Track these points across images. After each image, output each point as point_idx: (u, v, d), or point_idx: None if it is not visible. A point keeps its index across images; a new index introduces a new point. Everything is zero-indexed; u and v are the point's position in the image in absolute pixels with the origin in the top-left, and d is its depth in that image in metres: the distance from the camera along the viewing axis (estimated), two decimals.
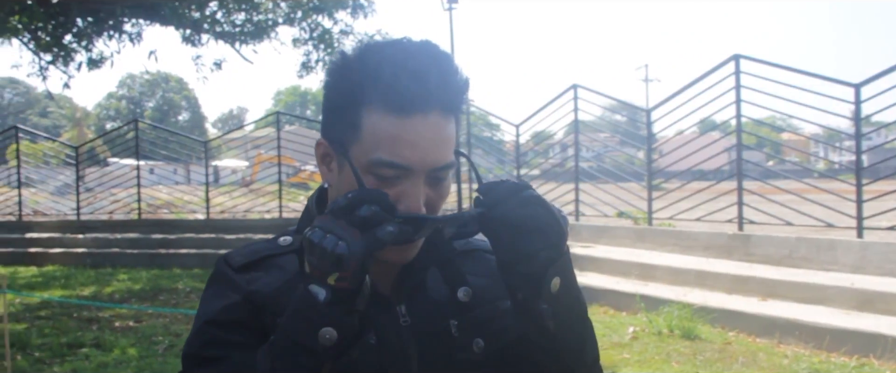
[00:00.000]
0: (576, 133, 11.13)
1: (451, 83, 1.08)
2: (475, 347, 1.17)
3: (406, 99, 1.04)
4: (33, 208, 16.88)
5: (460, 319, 1.17)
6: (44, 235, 14.24)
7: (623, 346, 6.48)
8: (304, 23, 12.99)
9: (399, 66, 1.05)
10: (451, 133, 1.10)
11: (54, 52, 11.93)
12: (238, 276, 1.14)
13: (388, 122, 1.05)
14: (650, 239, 9.32)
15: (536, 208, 1.05)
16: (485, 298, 1.20)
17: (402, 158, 1.05)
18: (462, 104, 1.12)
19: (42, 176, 19.98)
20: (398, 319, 1.15)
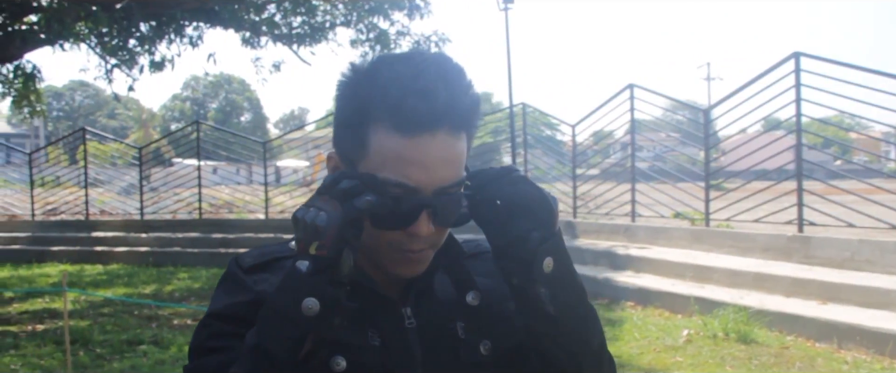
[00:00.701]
0: (632, 133, 11.00)
1: (460, 102, 1.07)
2: (482, 348, 1.17)
3: (413, 119, 1.04)
4: (100, 208, 17.36)
5: (467, 320, 1.18)
6: (109, 234, 14.62)
7: (676, 349, 6.39)
8: (361, 24, 13.09)
9: (407, 85, 1.04)
10: (459, 152, 1.09)
11: (119, 55, 12.25)
12: (247, 276, 1.16)
13: (395, 141, 1.05)
14: (707, 240, 9.16)
15: (524, 186, 1.07)
16: (492, 299, 1.20)
17: (408, 179, 1.05)
18: (473, 122, 1.12)
19: (109, 176, 20.54)
20: (403, 320, 1.16)
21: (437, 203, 1.07)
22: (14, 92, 12.40)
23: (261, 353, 0.99)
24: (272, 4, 12.52)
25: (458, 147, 1.09)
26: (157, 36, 12.28)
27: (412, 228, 1.07)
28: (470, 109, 1.09)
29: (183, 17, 11.71)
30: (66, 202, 16.47)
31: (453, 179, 1.09)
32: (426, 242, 1.10)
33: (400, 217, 1.06)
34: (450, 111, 1.06)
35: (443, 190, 1.08)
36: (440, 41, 13.29)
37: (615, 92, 11.13)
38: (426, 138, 1.05)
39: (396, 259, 1.11)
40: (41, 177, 17.56)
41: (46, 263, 13.35)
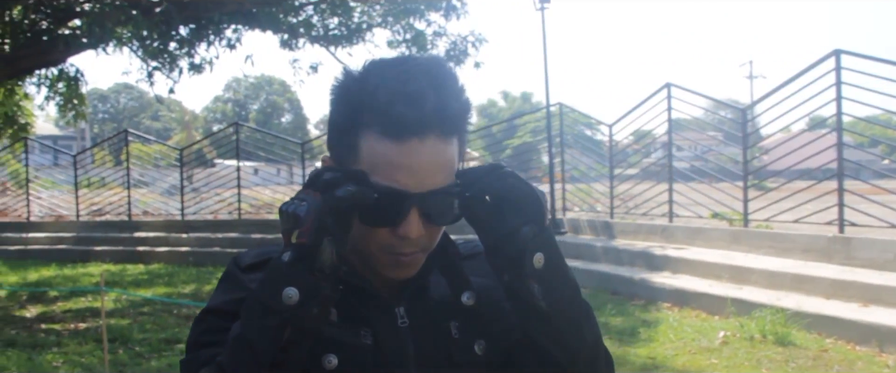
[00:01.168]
0: (669, 133, 10.91)
1: (449, 107, 1.08)
2: (477, 348, 1.18)
3: (401, 124, 1.05)
4: (143, 209, 17.64)
5: (462, 320, 1.18)
6: (151, 235, 14.86)
7: (712, 351, 6.32)
8: (397, 25, 13.14)
9: (395, 90, 1.06)
10: (450, 157, 1.10)
11: (160, 58, 12.43)
12: (244, 275, 1.18)
13: (385, 146, 1.07)
14: (745, 241, 9.04)
15: (513, 182, 1.08)
16: (488, 299, 1.20)
17: (397, 183, 1.06)
18: (464, 126, 1.13)
19: (152, 178, 20.86)
20: (397, 320, 1.16)
21: (427, 201, 1.08)
22: (59, 96, 12.65)
23: (243, 341, 1.01)
24: (310, 6, 12.62)
25: (447, 152, 1.09)
26: (197, 38, 12.44)
27: (402, 229, 1.08)
28: (460, 114, 1.11)
29: (222, 20, 11.84)
30: (111, 203, 16.77)
31: (443, 182, 1.09)
32: (417, 245, 1.11)
33: (390, 214, 1.07)
34: (439, 116, 1.07)
35: (433, 192, 1.08)
36: (476, 42, 13.28)
37: (653, 91, 11.04)
38: (415, 143, 1.06)
39: (387, 262, 1.12)
40: (87, 178, 17.90)
41: (90, 262, 13.60)
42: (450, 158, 1.10)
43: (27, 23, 10.59)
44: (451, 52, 13.16)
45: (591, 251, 10.64)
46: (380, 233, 1.09)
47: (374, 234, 1.10)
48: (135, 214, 16.37)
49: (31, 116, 18.27)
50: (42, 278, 11.80)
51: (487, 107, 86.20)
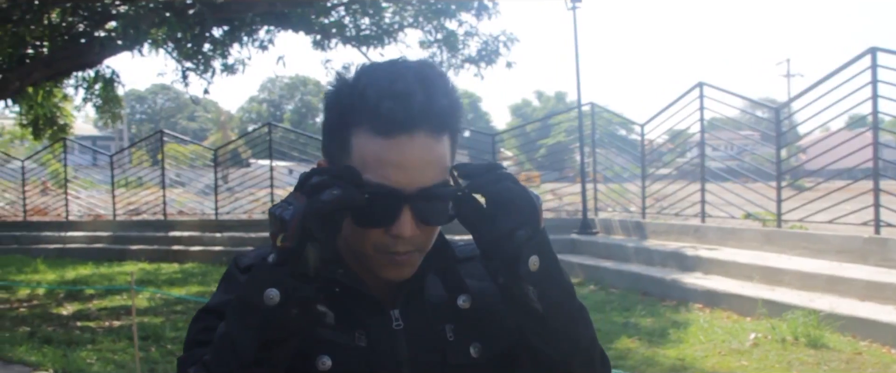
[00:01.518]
0: (701, 132, 10.81)
1: (437, 104, 1.09)
2: (472, 351, 1.18)
3: (389, 120, 1.06)
4: (179, 208, 17.87)
5: (457, 323, 1.19)
6: (185, 234, 15.03)
7: (742, 352, 6.25)
8: (429, 25, 13.16)
9: (384, 89, 1.07)
10: (440, 154, 1.10)
11: (194, 59, 12.59)
12: (243, 276, 1.18)
13: (375, 143, 1.08)
14: (779, 242, 8.93)
15: (508, 184, 1.08)
16: (485, 302, 1.21)
17: (388, 179, 1.07)
18: (454, 124, 1.13)
19: (188, 177, 21.12)
20: (391, 322, 1.17)
21: (420, 200, 1.08)
22: (96, 97, 12.86)
23: (226, 339, 1.02)
24: (341, 7, 12.69)
25: (438, 149, 1.10)
26: (230, 40, 12.58)
27: (395, 228, 1.08)
28: (448, 110, 1.11)
29: (254, 21, 11.96)
30: (147, 202, 17.00)
31: (434, 180, 1.09)
32: (412, 244, 1.11)
33: (382, 215, 1.08)
34: (427, 113, 1.08)
35: (425, 190, 1.09)
36: (508, 41, 13.25)
37: (685, 90, 10.95)
38: (404, 140, 1.07)
39: (383, 263, 1.12)
40: (125, 178, 18.17)
41: (126, 261, 13.80)
42: (441, 156, 1.11)
43: (65, 25, 10.78)
44: (482, 52, 13.15)
45: (622, 252, 10.59)
46: (374, 233, 1.10)
47: (368, 234, 1.10)
48: (170, 214, 16.59)
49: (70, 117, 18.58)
50: (79, 276, 12.00)
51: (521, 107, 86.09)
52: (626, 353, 6.38)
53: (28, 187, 18.36)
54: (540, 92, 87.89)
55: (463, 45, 13.25)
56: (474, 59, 13.22)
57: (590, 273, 10.18)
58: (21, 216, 17.95)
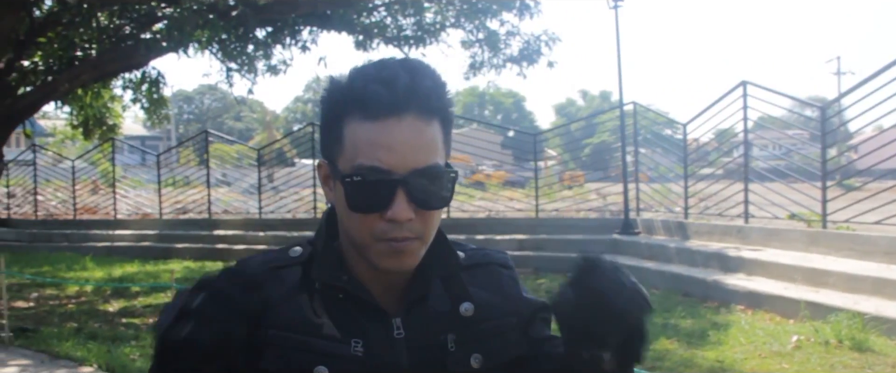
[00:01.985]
0: (744, 131, 10.66)
1: (421, 86, 1.10)
2: (473, 362, 1.17)
3: (376, 103, 1.08)
4: (224, 207, 18.12)
5: (459, 333, 1.18)
6: (229, 233, 15.24)
7: (783, 355, 6.16)
8: (470, 25, 13.17)
9: (370, 76, 1.10)
10: (431, 137, 1.11)
11: (239, 60, 12.77)
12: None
13: (364, 128, 1.09)
14: (824, 243, 8.77)
15: (610, 284, 1.07)
16: (490, 313, 1.20)
17: (379, 162, 1.07)
18: (443, 108, 1.13)
19: (234, 177, 21.41)
20: (392, 330, 1.16)
21: (412, 182, 1.08)
22: (143, 97, 13.12)
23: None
24: (382, 7, 12.76)
25: (427, 132, 1.10)
26: (274, 41, 12.73)
27: (391, 212, 1.08)
28: (434, 92, 1.11)
29: (296, 22, 12.08)
30: (194, 201, 17.26)
31: (426, 162, 1.10)
32: (410, 231, 1.10)
33: (376, 199, 1.09)
34: (413, 95, 1.09)
35: (416, 174, 1.09)
36: (550, 41, 13.20)
37: (728, 89, 10.80)
38: (392, 122, 1.08)
39: (383, 251, 1.11)
40: (172, 177, 18.48)
41: (172, 259, 14.03)
42: (431, 138, 1.11)
43: (112, 28, 11.00)
44: (524, 52, 13.13)
45: (664, 252, 10.49)
46: (370, 220, 1.10)
47: (365, 222, 1.11)
48: (215, 213, 16.82)
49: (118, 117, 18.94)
50: (125, 274, 12.24)
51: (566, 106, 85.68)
52: (663, 354, 6.32)
53: (78, 186, 18.77)
54: (585, 91, 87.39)
55: (505, 45, 13.24)
56: (516, 59, 13.21)
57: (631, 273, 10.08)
58: (72, 215, 18.35)
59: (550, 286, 10.01)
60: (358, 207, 1.10)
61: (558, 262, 11.43)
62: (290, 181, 17.12)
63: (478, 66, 13.35)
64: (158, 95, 13.29)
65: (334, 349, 1.12)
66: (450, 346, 1.16)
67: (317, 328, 1.13)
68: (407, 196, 1.08)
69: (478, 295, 1.21)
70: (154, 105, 13.81)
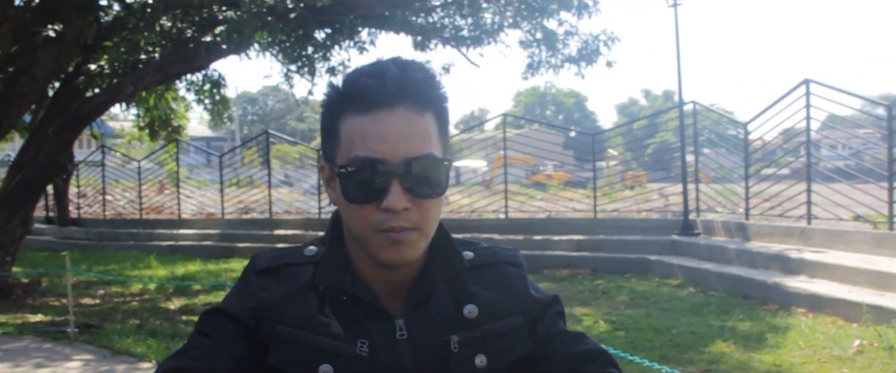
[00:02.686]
0: (807, 131, 10.41)
1: (411, 78, 1.12)
2: (478, 362, 1.17)
3: (367, 96, 1.11)
4: (286, 207, 18.37)
5: (463, 334, 1.17)
6: (289, 232, 15.42)
7: (844, 360, 5.99)
8: (528, 25, 13.13)
9: (362, 71, 1.14)
10: (423, 127, 1.13)
11: (299, 62, 12.95)
12: (256, 280, 1.21)
13: (358, 121, 1.12)
14: (890, 245, 8.51)
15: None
16: (494, 313, 1.20)
17: (372, 152, 1.09)
18: (435, 101, 1.15)
19: (296, 177, 21.70)
20: (395, 332, 1.17)
21: (407, 171, 1.10)
22: (205, 99, 13.40)
23: None
24: (440, 8, 12.80)
25: (420, 122, 1.12)
26: (332, 42, 12.88)
27: (386, 201, 1.09)
28: (424, 84, 1.14)
29: (354, 24, 12.20)
30: (256, 201, 17.53)
31: (420, 151, 1.11)
32: (407, 221, 1.11)
33: (372, 189, 1.10)
34: (403, 87, 1.11)
35: (409, 163, 1.10)
36: (608, 40, 13.09)
37: (790, 88, 10.55)
38: (385, 114, 1.10)
39: (381, 242, 1.12)
40: (236, 177, 18.81)
41: (233, 258, 14.28)
42: (424, 129, 1.13)
43: (175, 31, 11.25)
44: (582, 52, 13.04)
45: (723, 253, 10.31)
46: (367, 211, 1.12)
47: (363, 214, 1.12)
48: (276, 213, 17.07)
49: (183, 118, 19.35)
50: (187, 273, 12.52)
51: (628, 106, 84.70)
52: (719, 357, 6.22)
53: (145, 187, 19.23)
54: (647, 90, 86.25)
55: (563, 45, 13.16)
56: (574, 59, 13.13)
57: (689, 275, 9.97)
58: (138, 214, 18.83)
59: (607, 287, 9.94)
60: (354, 198, 1.12)
61: (616, 263, 11.34)
62: None
63: (536, 66, 13.32)
64: (220, 96, 13.56)
65: (340, 349, 1.13)
66: (453, 347, 1.16)
67: (324, 327, 1.14)
68: (401, 185, 1.10)
69: (483, 295, 1.21)
70: (216, 106, 14.10)
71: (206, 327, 1.18)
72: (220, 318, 1.18)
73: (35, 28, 9.95)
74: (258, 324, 1.16)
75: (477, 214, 15.10)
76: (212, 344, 1.14)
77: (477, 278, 1.23)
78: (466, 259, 1.24)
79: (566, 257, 11.91)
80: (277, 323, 1.15)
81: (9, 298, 10.05)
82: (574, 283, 10.50)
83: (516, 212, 14.51)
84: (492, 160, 25.62)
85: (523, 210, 14.94)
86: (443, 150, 1.16)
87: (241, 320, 1.16)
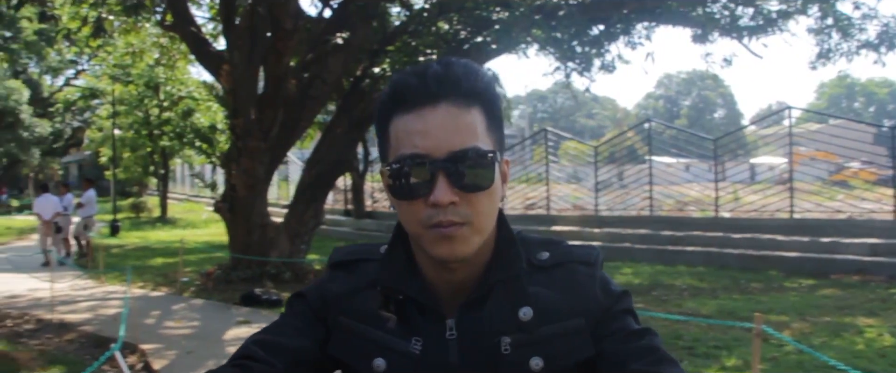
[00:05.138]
0: None
1: (453, 74, 1.13)
2: (533, 366, 1.13)
3: (410, 93, 1.13)
4: (572, 203, 18.37)
5: (517, 336, 1.14)
6: (566, 228, 15.52)
7: None
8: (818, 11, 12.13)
9: (406, 73, 1.15)
10: (468, 122, 1.12)
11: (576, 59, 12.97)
12: (330, 272, 1.30)
13: (403, 120, 1.13)
14: None
15: None
16: (552, 316, 1.16)
17: (417, 148, 1.10)
18: (482, 93, 1.14)
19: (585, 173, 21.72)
20: (445, 331, 1.17)
21: (451, 165, 1.10)
22: None
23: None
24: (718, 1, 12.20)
25: (464, 118, 1.12)
26: (607, 38, 12.74)
27: (433, 196, 1.09)
28: (467, 78, 1.13)
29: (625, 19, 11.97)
30: (543, 197, 17.67)
31: (465, 144, 1.10)
32: (456, 215, 1.11)
33: (418, 184, 1.11)
34: (445, 83, 1.12)
35: (453, 157, 1.10)
36: None
37: None
38: (428, 110, 1.11)
39: (433, 238, 1.12)
40: (526, 174, 19.09)
41: None
42: (469, 124, 1.12)
43: (451, 34, 11.73)
44: (882, 36, 11.81)
45: None
46: (416, 207, 1.12)
47: (412, 210, 1.13)
48: (563, 208, 17.19)
49: None
50: None
51: None
52: None
53: None
54: None
55: (859, 30, 12.00)
56: (873, 44, 11.94)
57: None
58: None
59: None
60: (401, 195, 1.13)
61: None
62: (641, 179, 16.84)
63: (826, 55, 12.29)
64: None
65: (394, 344, 1.17)
66: (504, 349, 1.14)
67: (382, 322, 1.19)
68: (447, 179, 1.09)
69: (543, 297, 1.17)
70: None
71: (289, 307, 1.28)
72: (300, 301, 1.28)
73: (326, 36, 10.86)
74: (325, 313, 1.24)
75: (758, 212, 14.21)
76: (291, 323, 1.24)
77: (545, 279, 1.20)
78: (541, 260, 1.22)
79: (858, 262, 10.85)
80: (340, 314, 1.22)
81: (302, 282, 11.08)
82: (864, 291, 9.51)
83: (806, 212, 13.47)
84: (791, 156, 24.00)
85: (816, 210, 13.84)
86: (492, 143, 1.15)
87: (313, 306, 1.25)
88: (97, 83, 28.95)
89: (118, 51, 19.65)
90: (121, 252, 17.36)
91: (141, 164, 29.99)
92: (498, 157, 1.14)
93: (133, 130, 27.68)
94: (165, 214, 29.04)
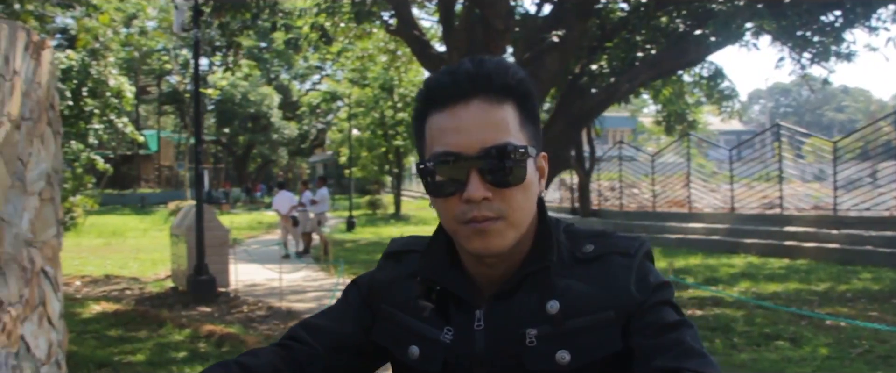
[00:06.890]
0: None
1: (484, 71, 1.13)
2: (559, 359, 1.12)
3: (443, 91, 1.15)
4: (814, 203, 17.09)
5: (541, 328, 1.14)
6: (801, 229, 14.51)
7: None
8: None
9: (439, 72, 1.17)
10: (500, 118, 1.13)
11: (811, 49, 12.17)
12: (383, 261, 1.36)
13: (437, 119, 1.15)
14: None
15: None
16: (580, 309, 1.14)
17: (450, 145, 1.12)
18: (515, 89, 1.15)
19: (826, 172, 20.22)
20: (473, 322, 1.19)
21: (484, 161, 1.11)
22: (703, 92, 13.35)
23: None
24: None
25: (496, 114, 1.13)
26: (845, 26, 11.84)
27: (466, 192, 1.11)
28: (499, 74, 1.14)
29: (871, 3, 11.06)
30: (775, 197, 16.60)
31: (497, 140, 1.11)
32: (490, 210, 1.12)
33: (451, 181, 1.13)
34: (476, 80, 1.13)
35: (487, 154, 1.11)
36: None
37: None
38: (460, 107, 1.13)
39: (468, 234, 1.14)
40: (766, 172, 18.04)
41: (737, 254, 13.98)
42: (501, 120, 1.13)
43: (671, 27, 11.42)
44: None
45: None
46: (451, 204, 1.14)
47: (448, 207, 1.15)
48: (801, 209, 16.13)
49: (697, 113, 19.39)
50: (685, 266, 12.59)
51: None
52: None
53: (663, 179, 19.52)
54: None
55: None
56: None
57: None
58: (652, 207, 19.35)
59: None
60: (436, 192, 1.16)
61: None
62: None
63: None
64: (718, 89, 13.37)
65: (428, 333, 1.21)
66: (529, 341, 1.15)
67: (419, 311, 1.23)
68: (480, 175, 1.11)
69: (574, 290, 1.16)
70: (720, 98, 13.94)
71: (344, 293, 1.36)
72: (353, 288, 1.35)
73: (542, 35, 10.95)
74: (371, 300, 1.30)
75: None
76: (341, 308, 1.32)
77: (583, 272, 1.19)
78: (585, 252, 1.20)
79: None
80: (383, 302, 1.28)
81: None
82: None
83: None
84: None
85: None
86: (527, 138, 1.16)
87: (362, 293, 1.32)
88: (337, 87, 30.91)
89: (353, 56, 20.82)
90: (354, 247, 18.50)
91: (377, 163, 31.62)
92: (531, 152, 1.14)
93: (369, 130, 29.29)
94: (399, 211, 30.46)
